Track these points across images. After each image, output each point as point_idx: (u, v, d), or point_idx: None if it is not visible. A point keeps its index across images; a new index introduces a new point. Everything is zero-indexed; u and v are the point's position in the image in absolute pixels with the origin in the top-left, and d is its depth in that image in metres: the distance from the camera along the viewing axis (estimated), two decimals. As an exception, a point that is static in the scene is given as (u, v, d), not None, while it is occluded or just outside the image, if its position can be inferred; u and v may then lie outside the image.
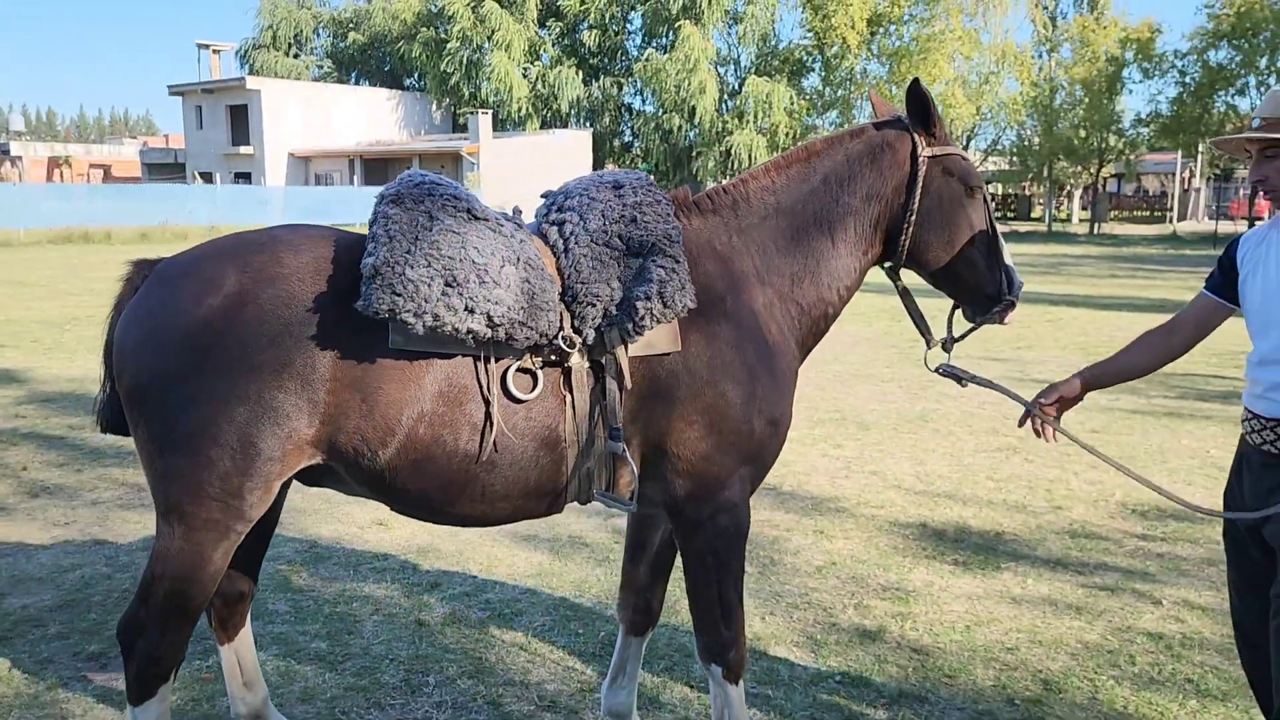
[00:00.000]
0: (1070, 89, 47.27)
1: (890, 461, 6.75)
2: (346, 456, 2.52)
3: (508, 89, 47.99)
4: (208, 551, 2.53)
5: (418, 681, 3.66)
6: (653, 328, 2.58)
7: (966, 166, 2.95)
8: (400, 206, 2.53)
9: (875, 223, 2.94)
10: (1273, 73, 40.93)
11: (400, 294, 2.40)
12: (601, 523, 5.40)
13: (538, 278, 2.55)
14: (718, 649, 2.84)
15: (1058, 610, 4.36)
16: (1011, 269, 3.00)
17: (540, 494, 2.67)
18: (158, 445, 2.49)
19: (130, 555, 4.82)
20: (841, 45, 45.27)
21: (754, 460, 2.77)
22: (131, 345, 2.51)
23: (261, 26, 58.24)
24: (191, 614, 2.60)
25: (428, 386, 2.49)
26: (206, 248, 2.63)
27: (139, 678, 2.62)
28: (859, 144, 2.95)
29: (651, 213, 2.68)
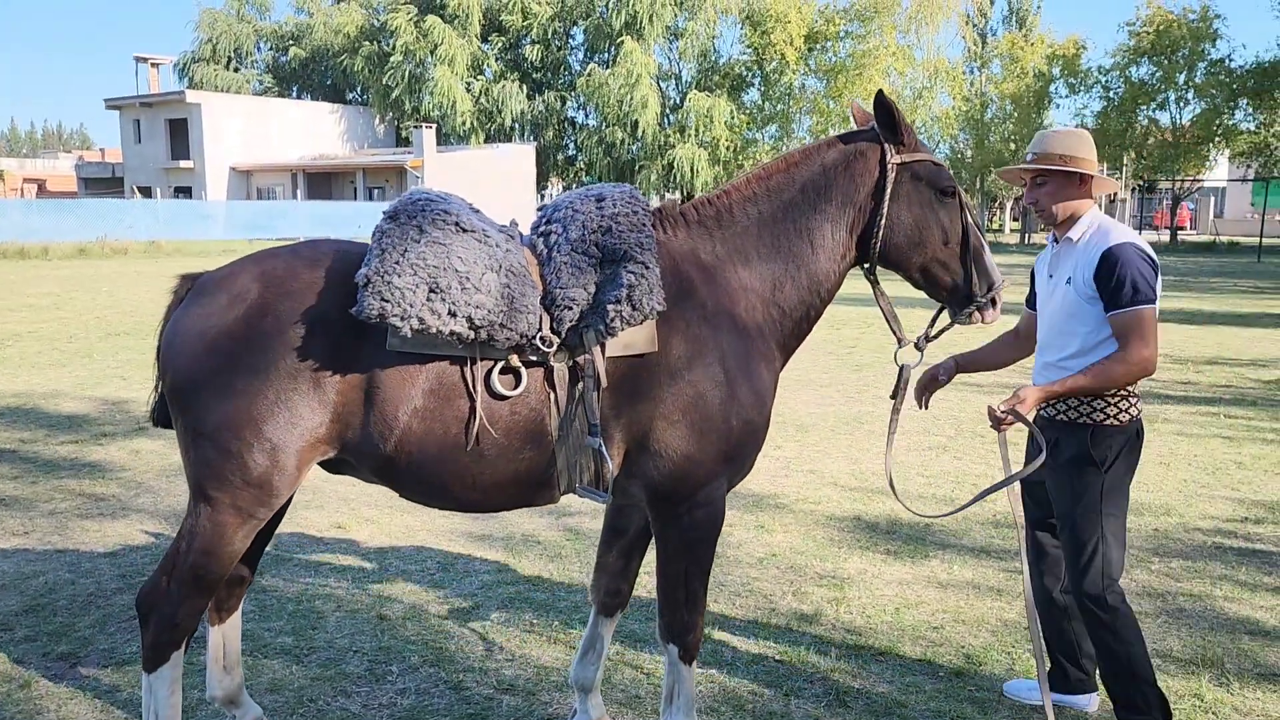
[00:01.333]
0: (1001, 104, 48.67)
1: (827, 461, 7.07)
2: (356, 449, 2.82)
3: (451, 103, 48.03)
4: (230, 532, 2.81)
5: (381, 671, 3.85)
6: (623, 329, 2.81)
7: (937, 171, 3.11)
8: (395, 222, 2.82)
9: (850, 228, 3.13)
10: (1190, 87, 42.55)
11: (388, 300, 2.68)
12: (553, 521, 5.62)
13: (518, 283, 2.80)
14: (679, 630, 3.07)
15: (980, 592, 4.69)
16: (991, 270, 3.14)
17: (531, 484, 2.92)
18: (191, 437, 2.80)
19: (93, 562, 4.93)
20: (780, 61, 46.11)
21: (733, 459, 2.99)
22: (173, 350, 2.83)
23: (200, 40, 57.60)
24: (210, 586, 2.87)
25: (421, 384, 2.77)
26: (240, 263, 2.94)
27: (155, 644, 2.87)
28: (834, 153, 3.15)
29: (626, 223, 2.92)
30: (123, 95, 51.42)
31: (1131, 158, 46.32)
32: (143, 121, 49.94)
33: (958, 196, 3.14)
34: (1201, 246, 42.34)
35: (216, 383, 2.73)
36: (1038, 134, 3.46)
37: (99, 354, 11.49)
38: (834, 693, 3.72)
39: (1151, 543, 5.40)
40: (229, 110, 48.42)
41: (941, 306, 3.32)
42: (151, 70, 54.28)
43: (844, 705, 3.63)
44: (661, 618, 3.10)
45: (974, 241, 3.14)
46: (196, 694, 3.61)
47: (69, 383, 9.71)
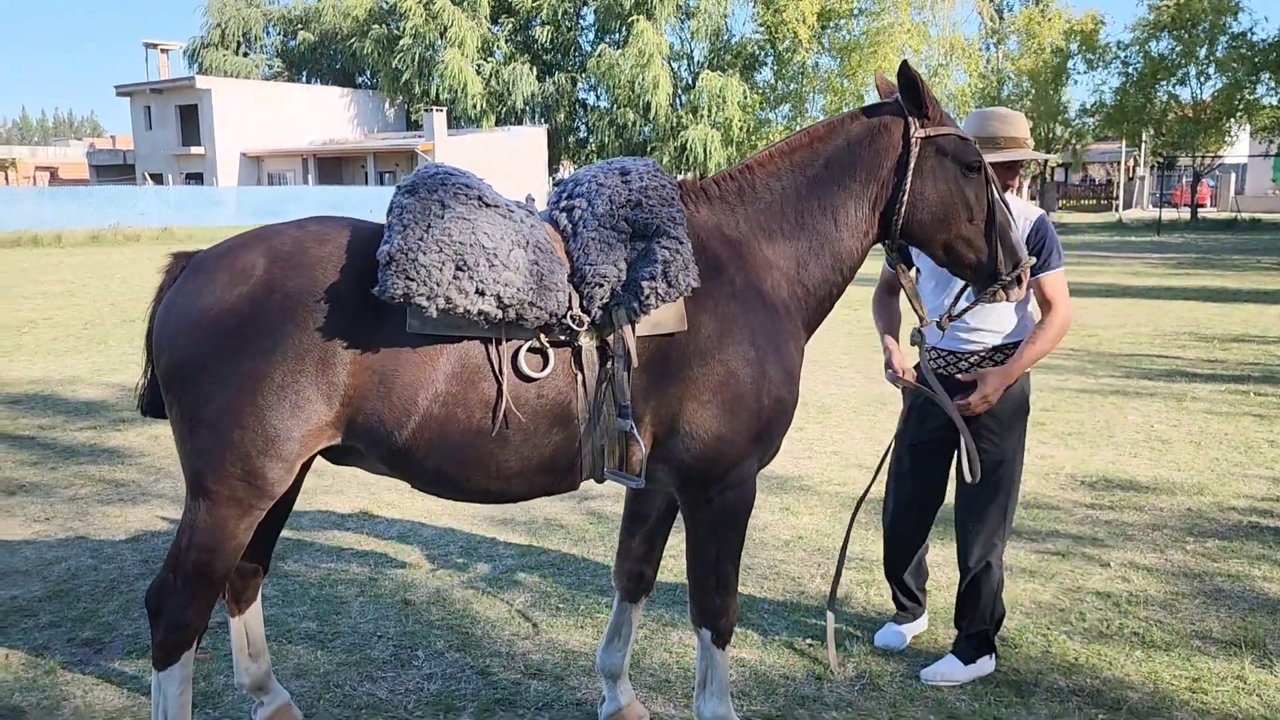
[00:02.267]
0: (1017, 80, 48.12)
1: (851, 442, 6.99)
2: (366, 436, 2.65)
3: (461, 86, 47.83)
4: (231, 525, 2.67)
5: (407, 656, 3.80)
6: (658, 306, 2.71)
7: (962, 145, 2.98)
8: (414, 196, 2.67)
9: (874, 204, 3.02)
10: (1211, 62, 42.00)
11: (414, 279, 2.53)
12: (576, 505, 5.57)
13: (546, 260, 2.68)
14: (711, 615, 2.99)
15: (1012, 574, 4.60)
16: (1018, 246, 3.03)
17: (554, 470, 2.79)
18: (188, 425, 2.63)
19: (114, 548, 4.90)
20: (793, 39, 45.69)
21: (763, 438, 2.90)
22: (168, 331, 2.66)
23: (209, 25, 57.50)
24: (216, 583, 2.74)
25: (442, 367, 2.62)
26: (240, 239, 2.76)
27: (164, 644, 2.76)
28: (858, 127, 3.03)
29: (656, 197, 2.81)
30: (133, 82, 51.40)
31: (1150, 134, 45.81)
32: (153, 108, 49.93)
33: (983, 171, 3.00)
34: (1222, 224, 41.88)
35: (217, 366, 2.56)
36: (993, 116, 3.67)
37: (114, 340, 11.47)
38: (866, 677, 3.66)
39: (1185, 522, 5.30)
40: (239, 96, 48.34)
41: (965, 285, 3.20)
42: (161, 56, 54.19)
43: (878, 689, 3.57)
44: (693, 602, 3.03)
45: (1000, 218, 3.00)
46: (223, 679, 3.58)
47: (85, 369, 9.69)
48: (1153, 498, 5.72)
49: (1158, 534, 5.12)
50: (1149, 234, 36.20)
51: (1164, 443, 6.92)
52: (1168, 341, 11.40)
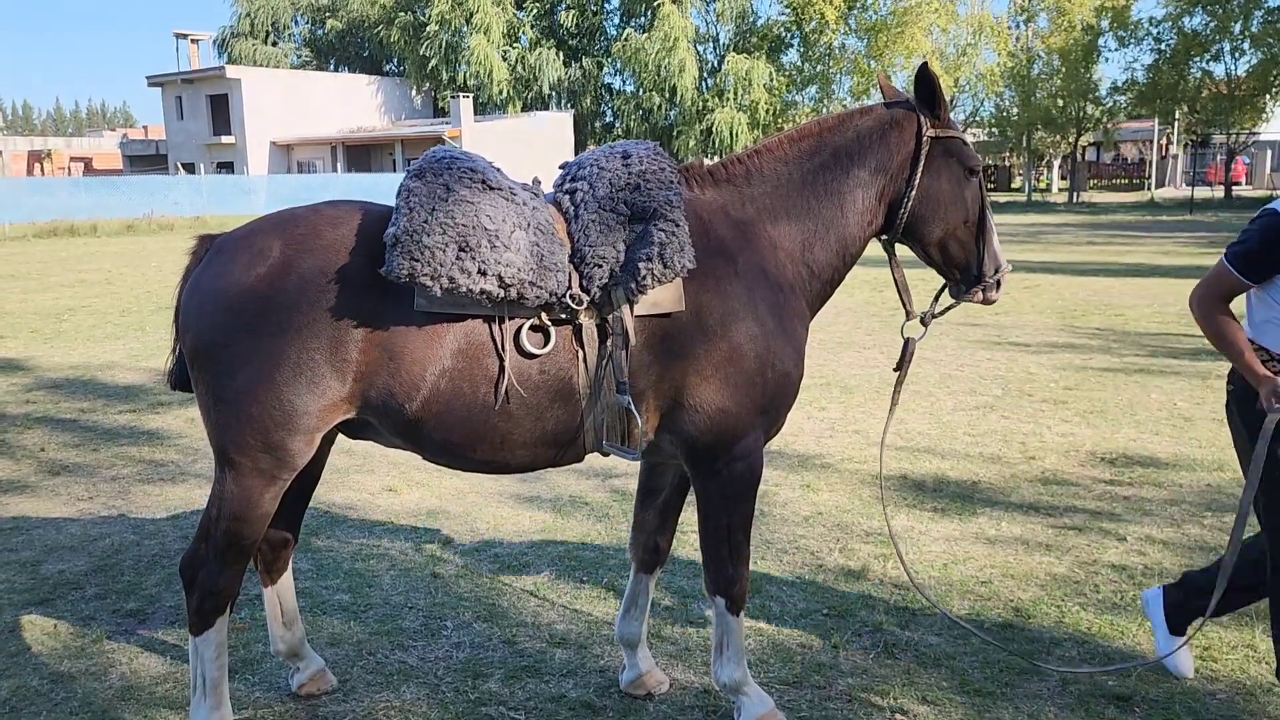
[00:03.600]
0: (1047, 59, 47.53)
1: (872, 421, 7.06)
2: (378, 410, 2.80)
3: (488, 72, 47.94)
4: (256, 495, 2.82)
5: (436, 626, 3.94)
6: (654, 287, 2.82)
7: (967, 150, 3.15)
8: (421, 180, 2.81)
9: (880, 195, 3.15)
10: (1246, 37, 41.30)
11: (418, 259, 2.67)
12: (600, 483, 5.69)
13: (547, 241, 2.81)
14: (724, 583, 3.11)
15: (1029, 548, 4.68)
16: (999, 253, 3.20)
17: (557, 443, 2.92)
18: (212, 400, 2.80)
19: (156, 525, 5.08)
20: (819, 21, 45.45)
21: (768, 411, 3.02)
22: (193, 311, 2.82)
23: (239, 14, 57.94)
24: (245, 550, 2.89)
25: (448, 344, 2.76)
26: (259, 222, 2.92)
27: (199, 610, 2.92)
28: (870, 120, 3.17)
29: (655, 180, 2.92)
30: (164, 72, 51.96)
31: (1183, 112, 45.13)
32: (184, 98, 50.45)
33: (979, 177, 3.19)
34: (1258, 202, 41.20)
35: (236, 344, 2.71)
36: None
37: (151, 327, 11.72)
38: (882, 645, 3.75)
39: (1204, 498, 5.34)
40: (268, 85, 48.75)
41: (944, 285, 3.33)
42: (191, 46, 54.73)
43: (892, 657, 3.66)
44: (707, 571, 3.14)
45: (988, 222, 3.19)
46: (260, 647, 3.73)
47: (123, 355, 9.93)
48: (1172, 474, 5.76)
49: (1175, 509, 5.17)
50: (1182, 213, 35.74)
51: (1186, 420, 6.93)
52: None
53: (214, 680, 3.00)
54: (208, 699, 2.99)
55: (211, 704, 3.00)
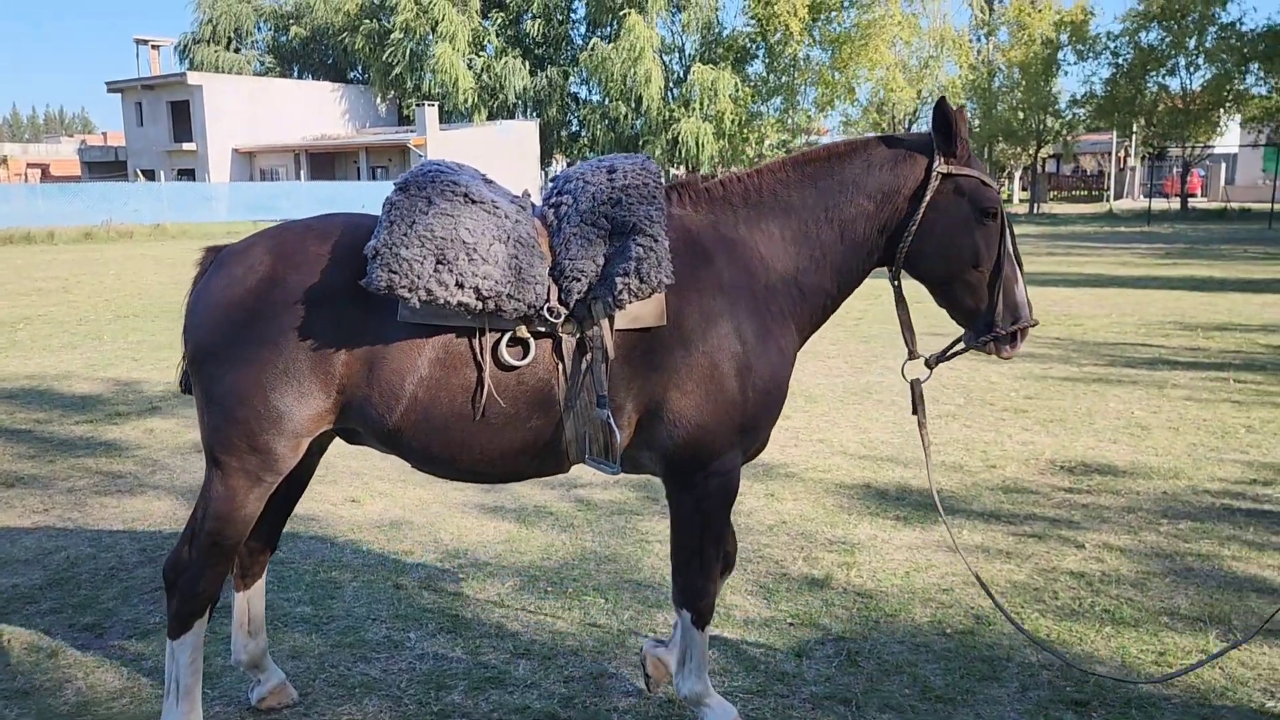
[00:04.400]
0: (1008, 72, 48.28)
1: (836, 430, 7.11)
2: (361, 419, 2.88)
3: (453, 81, 47.86)
4: (241, 496, 2.89)
5: (399, 638, 3.91)
6: (631, 302, 2.83)
7: (983, 191, 3.00)
8: (405, 193, 2.86)
9: (883, 227, 3.07)
10: (1200, 53, 42.18)
11: (396, 272, 2.72)
12: (565, 493, 5.68)
13: (527, 254, 2.83)
14: (692, 596, 3.11)
15: (989, 555, 4.73)
16: (1021, 305, 3.02)
17: (539, 454, 2.96)
18: (205, 403, 2.90)
19: (113, 537, 5.00)
20: (784, 32, 45.85)
21: (747, 430, 3.01)
22: (192, 320, 2.94)
23: (200, 21, 57.42)
24: (228, 552, 2.96)
25: (428, 355, 2.81)
26: (257, 235, 3.02)
27: (179, 613, 2.96)
28: (881, 152, 3.08)
29: (636, 194, 2.93)
30: (124, 78, 51.36)
31: (1141, 125, 45.96)
32: (144, 104, 49.90)
33: (1000, 220, 3.01)
34: (1212, 213, 42.07)
35: (228, 351, 2.81)
36: None
37: (109, 336, 11.56)
38: (845, 653, 3.78)
39: (1160, 505, 5.43)
40: (230, 91, 48.33)
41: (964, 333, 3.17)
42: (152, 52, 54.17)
43: (855, 665, 3.69)
44: (675, 583, 3.15)
45: (1007, 270, 3.02)
46: (220, 660, 3.69)
47: (80, 364, 9.78)
48: (1129, 482, 5.85)
49: (1132, 516, 5.25)
50: (1139, 224, 36.39)
51: (1143, 429, 7.05)
52: (1152, 330, 11.54)
53: (187, 686, 3.02)
54: (180, 704, 3.01)
55: (184, 709, 3.02)
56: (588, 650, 3.80)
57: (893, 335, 11.21)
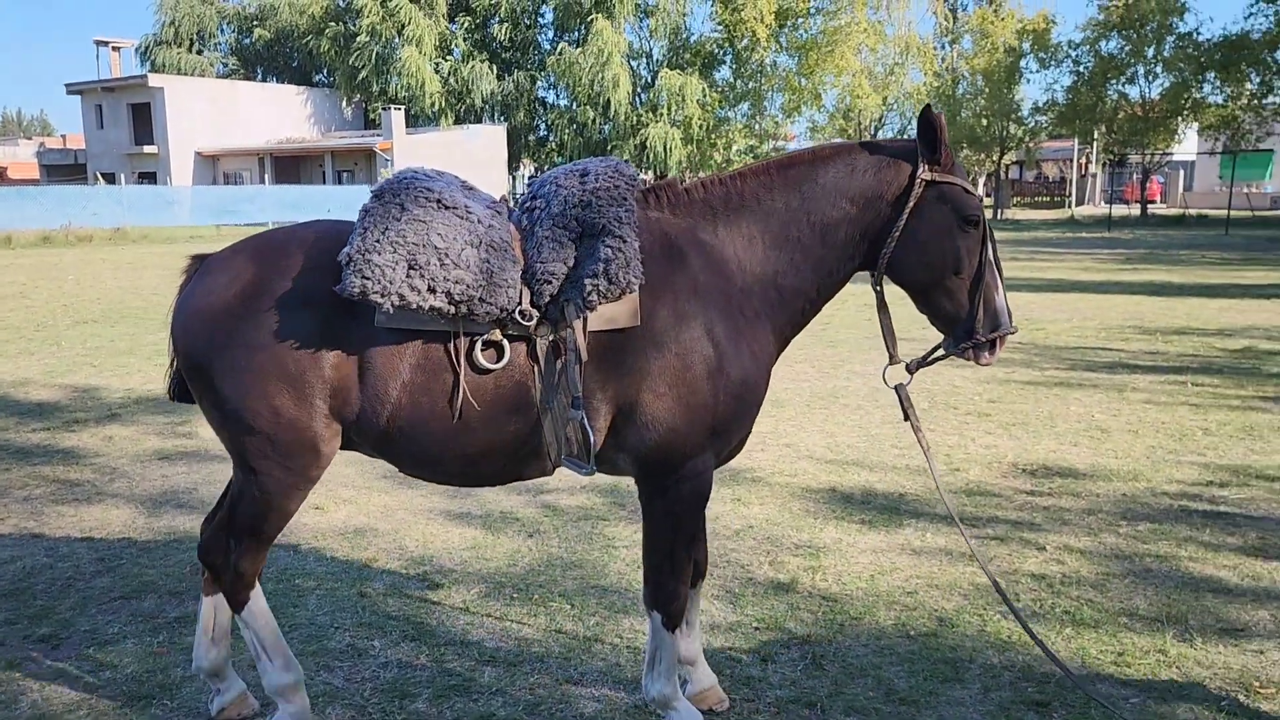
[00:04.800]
0: (972, 79, 48.87)
1: (803, 435, 7.14)
2: (354, 423, 2.91)
3: (420, 84, 47.64)
4: (280, 500, 2.99)
5: (363, 646, 3.88)
6: (601, 303, 2.85)
7: (966, 199, 3.02)
8: (379, 200, 2.90)
9: (865, 231, 3.08)
10: (1159, 61, 42.89)
11: (369, 277, 2.75)
12: (531, 499, 5.66)
13: (499, 258, 2.84)
14: (663, 599, 3.12)
15: (952, 559, 4.78)
16: (1000, 312, 3.06)
17: (519, 456, 2.99)
18: (215, 413, 2.95)
19: (70, 546, 4.92)
20: (751, 38, 46.09)
21: (719, 433, 3.03)
22: (180, 329, 2.96)
23: (162, 22, 56.76)
24: (266, 539, 3.07)
25: (408, 359, 2.85)
26: (243, 243, 3.03)
27: (231, 591, 3.10)
28: (865, 157, 3.10)
29: (606, 197, 2.94)
30: (84, 80, 50.63)
31: (1101, 132, 46.64)
32: (105, 106, 49.22)
33: (981, 229, 3.04)
34: (1171, 219, 42.76)
35: (222, 361, 2.84)
36: None
37: (67, 342, 11.38)
38: (810, 657, 3.79)
39: (1120, 507, 5.51)
40: (193, 94, 47.79)
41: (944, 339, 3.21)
42: (113, 54, 53.46)
43: (820, 668, 3.70)
44: (647, 586, 3.17)
45: (987, 278, 3.04)
46: (179, 671, 3.64)
47: (38, 371, 9.62)
48: (1090, 484, 5.93)
49: (1092, 519, 5.32)
50: (1100, 230, 36.91)
51: (1103, 432, 7.15)
52: (1112, 334, 11.71)
53: (271, 641, 3.13)
54: (274, 660, 3.12)
55: (280, 664, 3.13)
56: (554, 657, 3.79)
57: (859, 340, 11.32)
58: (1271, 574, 4.55)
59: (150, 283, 18.12)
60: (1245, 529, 5.14)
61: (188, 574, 4.57)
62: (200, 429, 7.27)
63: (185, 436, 7.10)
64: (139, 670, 3.68)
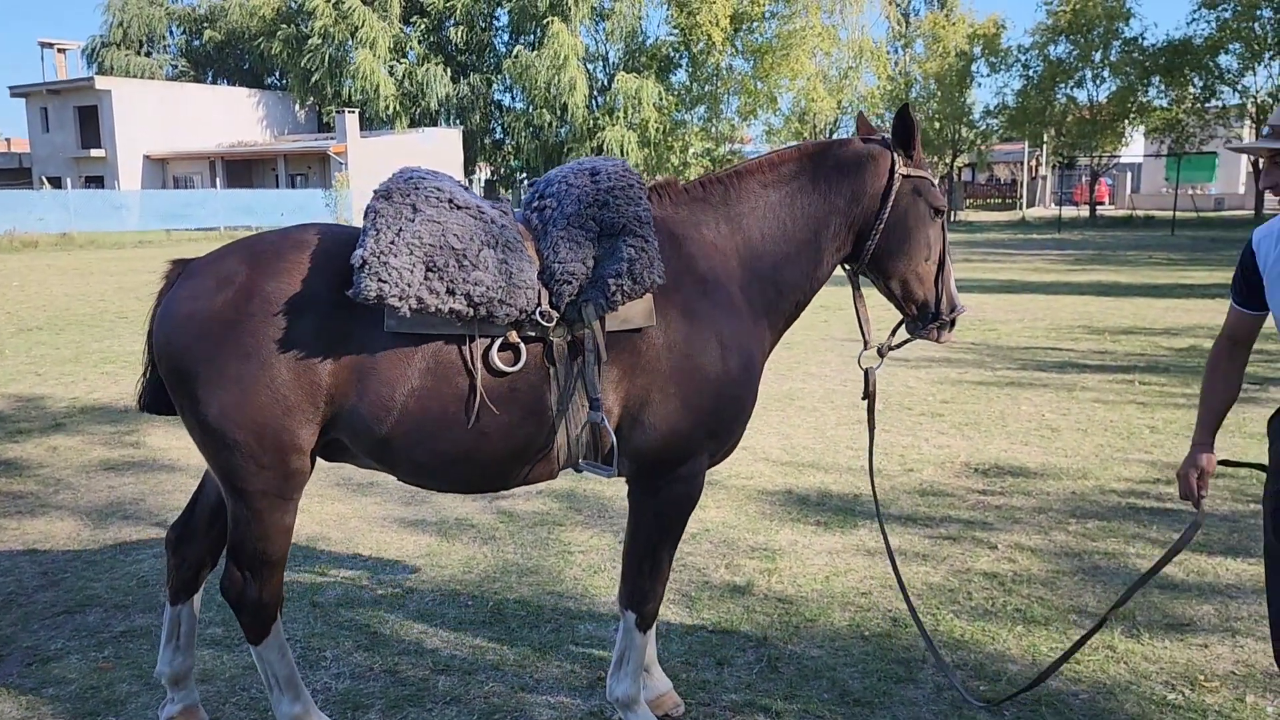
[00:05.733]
0: (924, 83, 49.44)
1: (759, 437, 7.17)
2: (350, 431, 2.80)
3: (374, 87, 47.24)
4: (271, 516, 2.84)
5: (315, 657, 3.83)
6: (624, 303, 2.84)
7: (935, 190, 3.27)
8: (389, 201, 2.79)
9: (851, 225, 3.23)
10: (1106, 65, 43.73)
11: (386, 281, 2.66)
12: (486, 505, 5.62)
13: (516, 259, 2.80)
14: (640, 599, 3.13)
15: (906, 559, 4.81)
16: (955, 294, 3.33)
17: (529, 460, 2.93)
18: (197, 427, 2.79)
19: (11, 560, 4.80)
20: (707, 42, 46.24)
21: (717, 434, 3.05)
22: (163, 336, 2.80)
23: (110, 24, 55.78)
24: (276, 563, 2.93)
25: (418, 364, 2.75)
26: (229, 246, 2.91)
27: (252, 625, 2.98)
28: (850, 152, 3.24)
29: (623, 196, 2.94)
30: (28, 82, 49.57)
31: (1051, 135, 47.42)
32: (50, 109, 48.21)
33: (942, 218, 3.29)
34: (1119, 221, 43.57)
35: (210, 370, 2.70)
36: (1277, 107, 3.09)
37: (11, 350, 11.12)
38: (765, 660, 3.80)
39: (1069, 505, 5.59)
40: (141, 96, 46.97)
41: (902, 320, 3.44)
42: (58, 56, 52.41)
43: (775, 671, 3.71)
44: (624, 584, 3.16)
45: (948, 263, 3.31)
46: (125, 687, 3.57)
47: (-19, 379, 9.39)
48: (1040, 483, 6.02)
49: (1043, 517, 5.39)
50: (1051, 231, 37.50)
51: (1054, 430, 7.25)
52: (1062, 334, 11.89)
53: (286, 676, 3.05)
54: (285, 693, 3.05)
55: (290, 696, 3.06)
56: (509, 664, 3.77)
57: (815, 342, 11.40)
58: (1216, 570, 4.65)
59: (97, 289, 17.77)
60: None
61: (134, 587, 4.48)
62: (147, 439, 7.14)
63: (132, 446, 6.96)
64: (84, 686, 3.60)
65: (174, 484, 6.02)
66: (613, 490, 5.78)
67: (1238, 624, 4.08)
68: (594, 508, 5.60)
